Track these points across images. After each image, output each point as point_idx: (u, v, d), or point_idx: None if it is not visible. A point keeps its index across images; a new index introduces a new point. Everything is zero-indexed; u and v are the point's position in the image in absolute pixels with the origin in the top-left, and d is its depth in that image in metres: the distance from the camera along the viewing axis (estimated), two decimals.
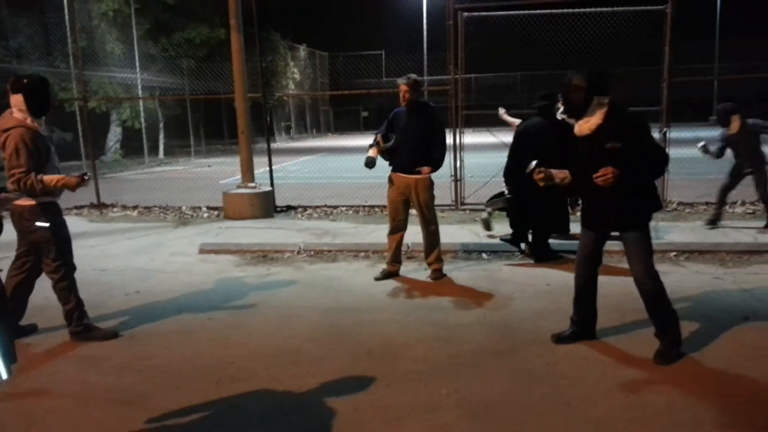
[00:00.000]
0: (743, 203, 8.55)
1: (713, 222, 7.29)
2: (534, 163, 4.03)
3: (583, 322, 4.16)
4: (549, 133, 6.00)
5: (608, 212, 3.83)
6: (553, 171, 4.02)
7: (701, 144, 7.20)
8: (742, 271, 5.79)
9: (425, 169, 5.52)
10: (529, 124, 6.29)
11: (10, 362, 2.61)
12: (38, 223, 4.14)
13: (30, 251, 4.30)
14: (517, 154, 6.22)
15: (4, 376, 2.58)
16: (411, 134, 5.54)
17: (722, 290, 5.23)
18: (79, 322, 4.37)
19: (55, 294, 4.35)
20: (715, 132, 7.55)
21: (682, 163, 9.14)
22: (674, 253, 6.35)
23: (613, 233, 3.96)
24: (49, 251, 4.23)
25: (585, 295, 4.11)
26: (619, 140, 3.64)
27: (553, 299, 5.06)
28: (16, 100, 4.06)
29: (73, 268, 4.39)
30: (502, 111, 7.77)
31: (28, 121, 4.07)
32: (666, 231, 7.08)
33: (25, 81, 4.09)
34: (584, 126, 3.78)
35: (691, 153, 11.01)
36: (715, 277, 5.61)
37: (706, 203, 8.61)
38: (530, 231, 6.42)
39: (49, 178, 4.08)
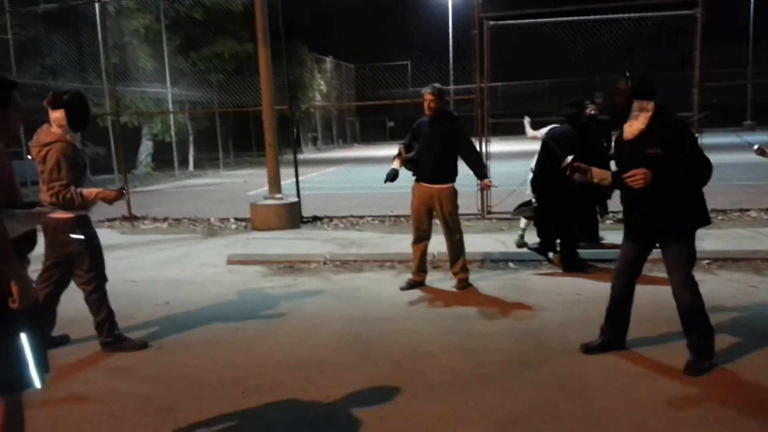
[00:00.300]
0: None
1: None
2: (570, 158, 3.94)
3: (615, 332, 4.07)
4: (577, 141, 5.94)
5: (649, 221, 3.72)
6: (594, 169, 3.88)
7: (756, 147, 7.02)
8: None
9: (485, 182, 5.64)
10: (557, 132, 6.23)
11: (43, 372, 2.67)
12: (73, 236, 4.23)
13: (57, 264, 4.38)
14: (545, 163, 6.17)
15: (38, 386, 2.63)
16: (434, 144, 5.54)
17: (757, 299, 5.09)
18: (110, 333, 4.45)
19: (87, 305, 4.43)
20: (750, 137, 7.38)
21: (715, 170, 8.94)
22: (707, 261, 6.20)
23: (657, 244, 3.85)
24: (82, 263, 4.32)
25: (620, 305, 4.02)
26: (660, 146, 3.55)
27: (582, 309, 4.98)
28: (56, 115, 4.16)
29: (105, 279, 4.47)
30: (527, 121, 7.72)
31: (68, 136, 4.19)
32: (699, 238, 6.81)
33: (65, 97, 4.20)
34: (628, 130, 3.72)
35: (723, 159, 10.80)
36: (749, 286, 5.46)
37: (740, 210, 8.42)
38: (558, 240, 6.34)
39: (88, 191, 4.18)
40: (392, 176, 5.63)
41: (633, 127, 3.68)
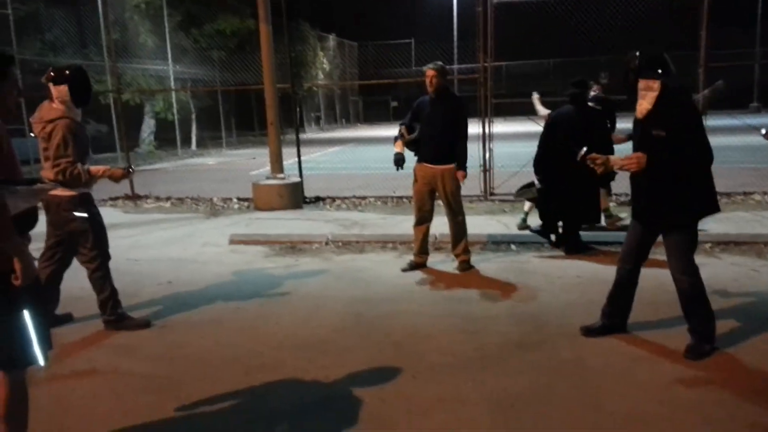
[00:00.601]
0: None
1: None
2: (585, 149, 3.92)
3: (616, 314, 4.07)
4: (580, 122, 5.90)
5: (653, 205, 3.69)
6: (613, 158, 3.85)
7: (764, 131, 6.97)
8: None
9: (459, 173, 5.52)
10: (561, 112, 6.19)
11: (46, 349, 2.69)
12: (77, 213, 4.23)
13: (60, 242, 4.39)
14: (548, 144, 6.14)
15: (42, 363, 2.65)
16: (436, 124, 5.49)
17: (759, 283, 5.09)
18: (113, 312, 4.47)
19: (91, 283, 4.44)
20: (756, 119, 7.32)
21: (719, 152, 8.90)
22: (709, 245, 6.19)
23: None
24: (86, 241, 4.32)
25: (624, 288, 4.00)
26: (665, 128, 3.50)
27: (582, 291, 4.99)
28: (60, 91, 4.10)
29: (109, 257, 4.48)
30: (536, 96, 7.66)
31: (71, 112, 4.15)
32: (702, 222, 6.90)
33: (68, 72, 4.14)
34: (638, 109, 3.67)
35: (728, 141, 10.74)
36: (752, 269, 5.46)
37: (744, 193, 8.39)
38: (561, 221, 6.33)
39: (95, 169, 4.17)
40: (400, 162, 5.62)
41: (642, 106, 3.63)
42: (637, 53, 3.62)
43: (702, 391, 3.32)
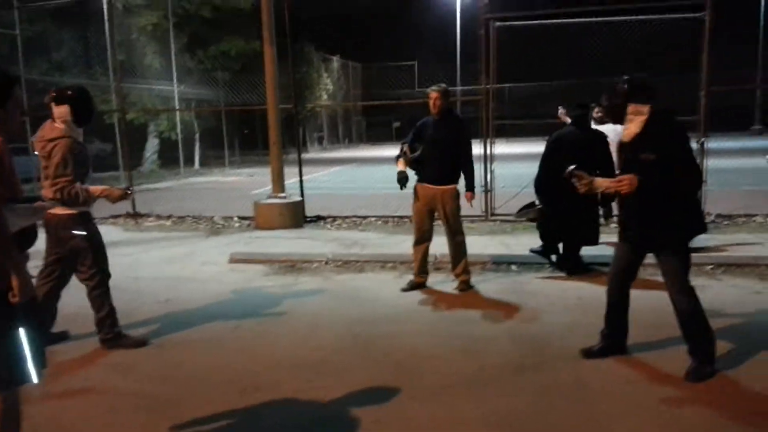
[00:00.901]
0: None
1: None
2: (572, 167, 3.94)
3: (614, 336, 4.05)
4: (583, 143, 5.91)
5: (644, 227, 3.71)
6: (598, 180, 3.87)
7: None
8: None
9: (468, 195, 5.62)
10: (562, 134, 6.20)
11: (41, 367, 2.67)
12: (76, 232, 4.23)
13: (59, 260, 4.39)
14: (549, 164, 6.14)
15: (36, 381, 2.63)
16: (439, 145, 5.51)
17: (761, 305, 5.05)
18: (110, 330, 4.45)
19: (89, 301, 4.42)
20: (758, 142, 7.34)
21: (720, 174, 8.92)
22: (711, 267, 6.16)
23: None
24: (85, 258, 4.31)
25: (617, 309, 4.00)
26: (654, 152, 3.53)
27: (583, 313, 4.96)
28: (61, 111, 4.14)
29: (108, 275, 4.47)
30: (562, 112, 7.66)
31: (73, 132, 4.19)
32: (703, 243, 6.88)
33: (70, 93, 4.19)
34: (625, 133, 3.72)
35: (728, 164, 10.74)
36: (754, 292, 5.42)
37: (746, 215, 8.36)
38: (561, 242, 6.31)
39: (93, 189, 4.19)
40: (404, 180, 5.62)
41: (629, 130, 3.68)
42: (626, 78, 3.69)
43: (702, 414, 3.27)
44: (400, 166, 5.64)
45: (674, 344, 4.01)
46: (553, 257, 6.38)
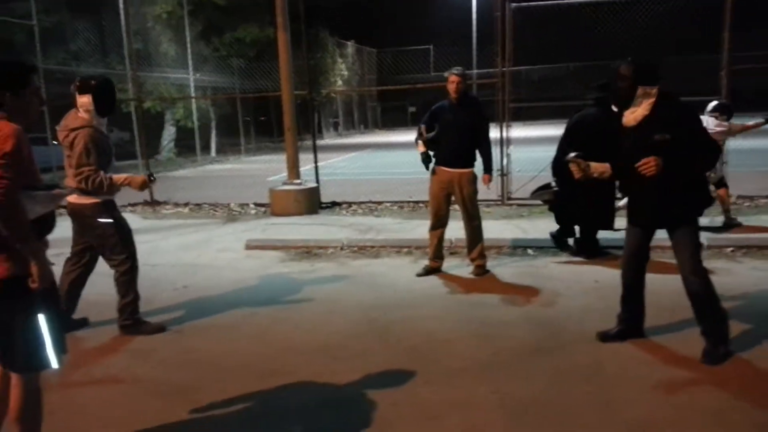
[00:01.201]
0: None
1: None
2: (573, 154, 3.92)
3: (631, 320, 4.02)
4: (604, 125, 5.77)
5: (655, 207, 3.69)
6: (593, 164, 3.88)
7: None
8: None
9: (486, 177, 5.63)
10: (584, 115, 6.03)
11: (61, 353, 2.71)
12: (101, 220, 4.29)
13: (86, 249, 4.48)
14: (568, 147, 6.04)
15: (56, 366, 2.68)
16: (456, 128, 5.48)
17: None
18: (130, 317, 4.51)
19: (116, 285, 4.47)
20: None
21: (742, 156, 8.75)
22: (731, 249, 6.08)
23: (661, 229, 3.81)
24: (114, 246, 4.37)
25: (633, 292, 3.98)
26: (668, 132, 3.50)
27: (600, 296, 4.92)
28: (84, 101, 4.18)
29: (136, 261, 4.52)
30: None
31: (95, 121, 4.23)
32: (722, 225, 6.80)
33: (93, 83, 4.22)
34: (630, 117, 3.67)
35: (751, 144, 10.54)
36: None
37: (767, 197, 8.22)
38: (577, 226, 6.25)
39: (117, 177, 4.24)
40: (428, 160, 5.63)
41: (636, 113, 3.63)
42: (630, 60, 3.62)
43: (718, 397, 3.24)
44: (421, 148, 5.64)
45: (691, 327, 3.96)
46: (570, 241, 6.32)
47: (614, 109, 6.25)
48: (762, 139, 10.71)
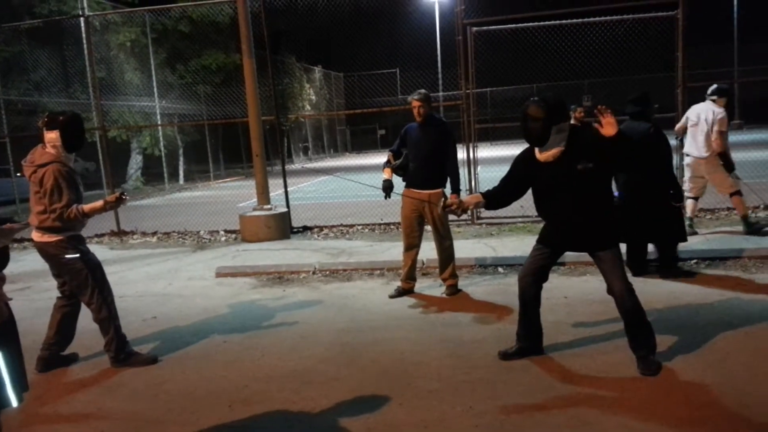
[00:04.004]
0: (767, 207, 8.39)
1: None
2: (443, 202, 4.24)
3: (531, 337, 4.14)
4: (650, 138, 5.59)
5: (580, 233, 3.82)
6: (465, 198, 4.22)
7: None
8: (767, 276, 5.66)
9: (453, 197, 5.51)
10: (637, 129, 5.67)
11: (21, 390, 2.64)
12: (68, 256, 4.22)
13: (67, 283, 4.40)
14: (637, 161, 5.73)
15: (15, 404, 2.60)
16: (423, 150, 5.55)
17: (744, 297, 5.10)
18: (119, 350, 4.40)
19: (97, 324, 4.39)
20: (739, 136, 7.45)
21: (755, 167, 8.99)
22: (695, 261, 6.22)
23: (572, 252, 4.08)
24: (85, 284, 4.27)
25: (531, 310, 4.09)
26: (589, 160, 3.65)
27: (569, 312, 4.98)
28: (51, 136, 4.14)
29: (110, 294, 4.43)
30: (579, 110, 7.54)
31: (62, 157, 4.17)
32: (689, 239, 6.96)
33: (61, 118, 4.18)
34: (547, 154, 3.77)
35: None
36: (737, 284, 5.48)
37: (728, 209, 8.45)
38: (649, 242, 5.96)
39: (89, 207, 4.18)
40: (389, 189, 5.64)
41: (553, 150, 3.73)
42: (541, 100, 3.70)
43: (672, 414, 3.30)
44: (386, 174, 5.68)
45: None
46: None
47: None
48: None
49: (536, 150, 3.82)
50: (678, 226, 5.87)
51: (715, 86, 7.26)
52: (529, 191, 4.02)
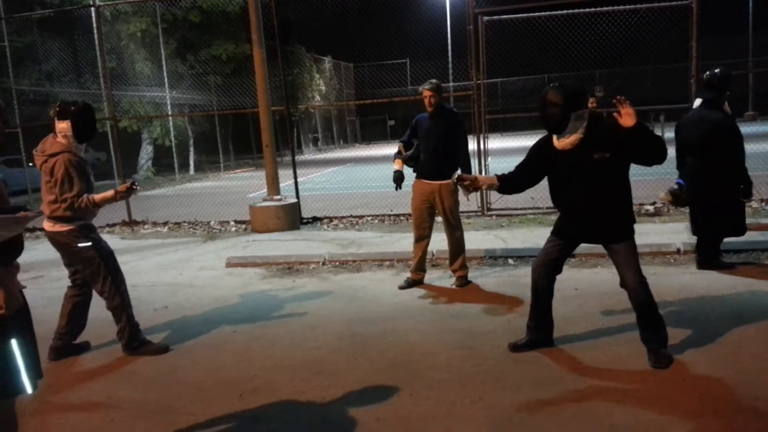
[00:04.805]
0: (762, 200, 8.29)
1: None
2: (456, 175, 4.15)
3: (541, 329, 4.12)
4: (707, 127, 5.32)
5: (595, 224, 3.78)
6: (479, 177, 4.13)
7: None
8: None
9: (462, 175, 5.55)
10: (686, 117, 5.61)
11: (35, 377, 2.66)
12: (80, 245, 4.24)
13: (78, 272, 4.43)
14: (685, 147, 5.54)
15: (30, 391, 2.62)
16: (434, 140, 5.52)
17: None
18: (132, 339, 4.43)
19: (110, 312, 4.43)
20: (752, 127, 7.33)
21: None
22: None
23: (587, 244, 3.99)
24: (98, 272, 4.30)
25: (543, 302, 4.07)
26: (606, 150, 3.60)
27: (580, 304, 4.96)
28: (63, 126, 4.14)
29: (123, 282, 4.45)
30: (591, 100, 7.34)
31: (73, 146, 4.18)
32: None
33: (72, 108, 4.18)
34: (565, 142, 3.71)
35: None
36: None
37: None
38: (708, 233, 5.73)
39: (100, 196, 4.20)
40: (399, 180, 5.65)
41: (572, 138, 3.67)
42: (560, 86, 3.64)
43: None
44: (397, 165, 5.68)
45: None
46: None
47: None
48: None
49: (554, 137, 3.77)
50: (739, 220, 5.60)
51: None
52: (545, 181, 3.98)
